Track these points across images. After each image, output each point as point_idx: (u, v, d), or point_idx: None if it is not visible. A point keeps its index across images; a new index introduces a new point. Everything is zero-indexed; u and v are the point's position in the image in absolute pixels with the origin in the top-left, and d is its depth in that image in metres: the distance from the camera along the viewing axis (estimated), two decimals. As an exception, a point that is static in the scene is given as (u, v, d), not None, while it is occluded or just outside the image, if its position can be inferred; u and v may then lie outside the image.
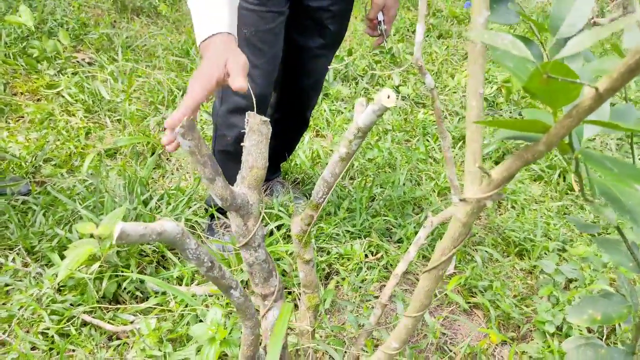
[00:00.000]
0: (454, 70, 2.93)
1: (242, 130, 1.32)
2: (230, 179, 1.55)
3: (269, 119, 1.63)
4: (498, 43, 0.38)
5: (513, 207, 1.85)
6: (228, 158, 1.39)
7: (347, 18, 1.38)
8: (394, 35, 3.13)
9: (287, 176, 1.87)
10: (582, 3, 0.59)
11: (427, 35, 3.38)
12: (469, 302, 1.40)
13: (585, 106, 0.40)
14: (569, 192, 1.95)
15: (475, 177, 0.56)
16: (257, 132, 0.75)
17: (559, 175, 2.01)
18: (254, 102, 1.21)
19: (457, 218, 0.59)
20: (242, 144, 1.39)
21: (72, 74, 2.15)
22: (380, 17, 1.28)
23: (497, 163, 2.12)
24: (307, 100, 1.55)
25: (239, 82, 0.76)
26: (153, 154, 1.86)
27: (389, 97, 0.73)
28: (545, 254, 1.60)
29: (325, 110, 2.27)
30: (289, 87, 1.49)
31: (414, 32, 3.33)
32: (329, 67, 1.38)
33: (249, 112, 0.75)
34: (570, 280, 1.47)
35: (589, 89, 0.38)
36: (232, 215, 0.77)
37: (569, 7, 0.60)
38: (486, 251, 1.57)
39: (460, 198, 0.57)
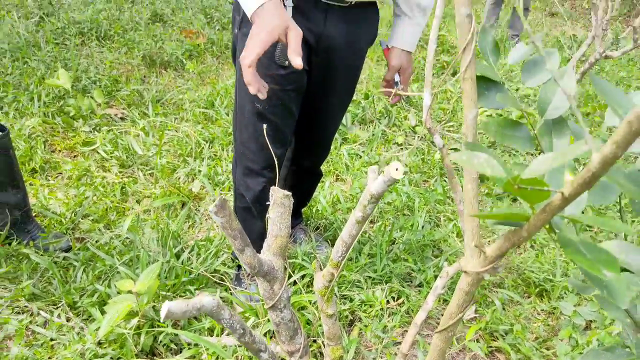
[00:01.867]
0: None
1: (257, 193, 1.41)
2: (250, 233, 1.65)
3: (287, 174, 1.72)
4: (474, 163, 0.45)
5: (532, 246, 1.88)
6: (247, 216, 1.47)
7: (355, 77, 1.45)
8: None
9: (309, 222, 1.94)
10: (565, 88, 0.66)
11: (441, 73, 3.47)
12: (490, 347, 1.44)
13: (555, 205, 0.47)
14: (587, 228, 1.97)
15: (474, 252, 0.63)
16: (280, 205, 0.84)
17: (577, 212, 2.03)
18: (271, 162, 1.31)
19: (460, 288, 0.66)
20: (258, 204, 1.47)
21: (107, 130, 2.30)
22: (397, 77, 1.36)
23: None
24: (322, 153, 1.64)
25: (298, 60, 0.90)
26: (183, 205, 1.97)
27: (397, 169, 0.81)
28: (565, 293, 1.63)
29: (344, 155, 2.36)
30: (303, 142, 1.57)
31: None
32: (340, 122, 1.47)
33: (273, 187, 0.83)
34: (591, 320, 1.49)
35: (557, 193, 0.46)
36: (260, 280, 0.84)
37: (554, 92, 0.67)
38: (506, 294, 1.61)
39: (463, 270, 0.63)
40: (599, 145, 0.39)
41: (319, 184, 2.13)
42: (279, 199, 0.84)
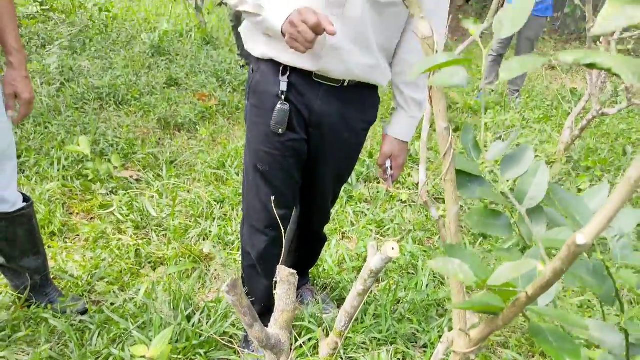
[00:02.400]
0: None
1: (261, 250, 1.49)
2: (255, 292, 1.72)
3: (293, 236, 1.80)
4: (449, 269, 0.53)
5: (536, 303, 1.91)
6: (252, 274, 1.56)
7: (354, 155, 1.53)
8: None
9: (315, 282, 2.00)
10: (540, 180, 0.75)
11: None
12: (494, 409, 1.46)
13: (522, 302, 0.54)
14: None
15: (461, 334, 0.69)
16: (286, 282, 0.91)
17: (579, 270, 2.07)
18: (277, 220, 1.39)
19: (452, 365, 0.72)
20: (262, 262, 1.55)
21: (123, 193, 2.41)
22: (388, 163, 1.40)
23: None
24: (321, 219, 1.71)
25: (332, 28, 1.06)
26: (194, 262, 2.04)
27: (393, 249, 0.89)
28: (569, 354, 1.65)
29: (349, 213, 2.44)
30: (305, 207, 1.66)
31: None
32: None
33: (280, 265, 0.91)
34: (595, 382, 1.51)
35: (522, 292, 0.53)
36: (267, 352, 0.91)
37: (530, 183, 0.75)
38: (511, 354, 1.64)
39: (452, 349, 0.70)
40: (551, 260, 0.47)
41: (326, 243, 2.20)
42: (285, 277, 0.91)
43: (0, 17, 1.37)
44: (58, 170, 2.49)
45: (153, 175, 2.61)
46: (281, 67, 1.28)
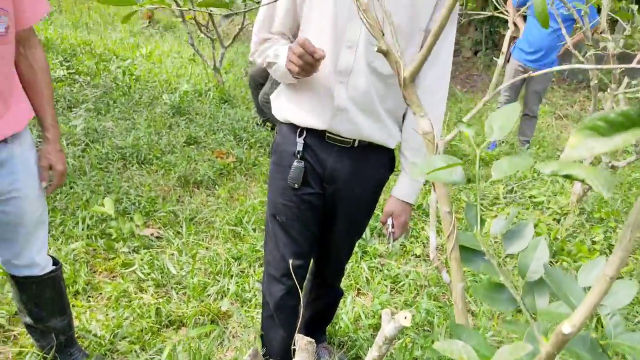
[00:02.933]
0: (483, 215, 3.13)
1: (277, 299, 1.57)
2: (272, 342, 1.79)
3: (310, 287, 1.87)
4: (453, 351, 0.58)
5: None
6: (271, 324, 1.63)
7: (368, 211, 1.61)
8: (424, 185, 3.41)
9: (332, 340, 2.02)
10: (540, 255, 0.80)
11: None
12: None
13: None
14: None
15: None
16: (305, 350, 0.96)
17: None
18: (291, 271, 1.47)
19: None
20: (279, 311, 1.62)
21: (144, 251, 2.49)
22: (390, 221, 1.47)
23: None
24: (336, 273, 1.78)
25: (321, 53, 1.19)
26: (212, 322, 2.08)
27: (405, 318, 0.94)
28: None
29: (364, 269, 2.48)
30: (321, 259, 1.72)
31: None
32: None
33: (298, 334, 0.96)
34: None
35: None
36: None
37: (531, 258, 0.81)
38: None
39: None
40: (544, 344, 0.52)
41: (341, 299, 2.23)
42: (304, 345, 0.96)
43: (40, 97, 1.50)
44: (83, 230, 2.59)
45: (173, 233, 2.69)
46: (298, 130, 1.41)
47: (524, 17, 4.37)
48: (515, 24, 3.93)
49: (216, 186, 3.28)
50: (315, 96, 1.35)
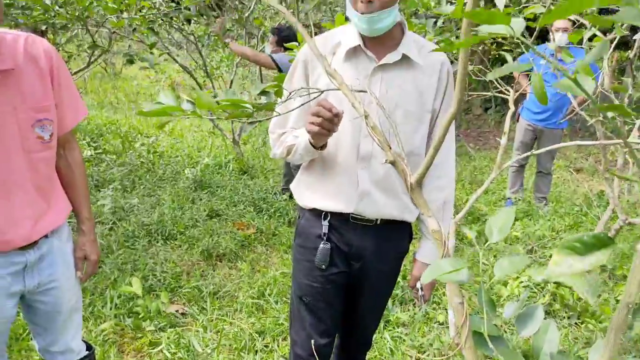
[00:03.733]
0: (506, 277, 3.12)
1: None
2: None
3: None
4: None
5: None
6: None
7: (391, 284, 1.68)
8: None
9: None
10: (552, 337, 0.85)
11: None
12: None
13: None
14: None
15: None
16: None
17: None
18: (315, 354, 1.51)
19: None
20: None
21: (171, 329, 2.54)
22: (419, 285, 1.58)
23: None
24: (362, 346, 1.81)
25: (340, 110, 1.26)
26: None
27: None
28: None
29: (387, 339, 2.48)
30: (346, 333, 1.76)
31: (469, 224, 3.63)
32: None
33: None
34: None
35: None
36: None
37: (543, 340, 0.86)
38: None
39: None
40: None
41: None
42: None
43: (76, 193, 1.63)
44: (111, 309, 2.66)
45: (198, 309, 2.74)
46: (323, 213, 1.50)
47: (528, 76, 4.51)
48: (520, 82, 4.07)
49: (238, 258, 3.35)
50: (340, 183, 1.46)
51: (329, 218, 1.50)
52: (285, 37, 3.90)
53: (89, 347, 1.77)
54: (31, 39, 1.41)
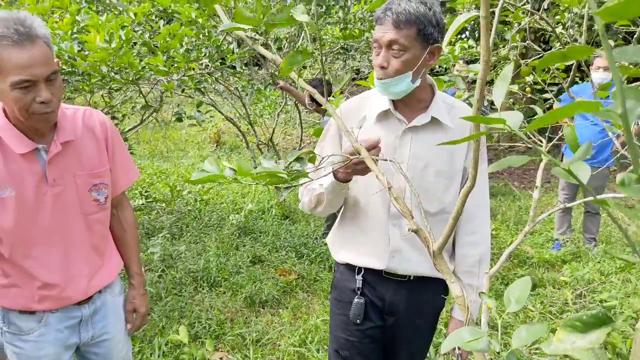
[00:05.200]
0: (553, 324, 3.02)
1: None
2: None
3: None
4: None
5: None
6: None
7: (426, 338, 1.68)
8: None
9: None
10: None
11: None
12: None
13: None
14: None
15: None
16: None
17: None
18: None
19: None
20: None
21: (214, 377, 2.60)
22: (457, 350, 1.53)
23: None
24: None
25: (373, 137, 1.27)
26: None
27: None
28: None
29: (431, 390, 2.44)
30: None
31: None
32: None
33: None
34: None
35: None
36: None
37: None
38: None
39: None
40: None
41: None
42: None
43: (128, 250, 1.75)
44: (159, 356, 2.76)
45: (241, 356, 2.80)
46: (356, 268, 1.54)
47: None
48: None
49: (280, 305, 3.40)
50: (373, 238, 1.51)
51: (362, 272, 1.54)
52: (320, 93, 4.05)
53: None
54: (88, 112, 1.58)
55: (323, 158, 1.15)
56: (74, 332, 1.59)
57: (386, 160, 1.05)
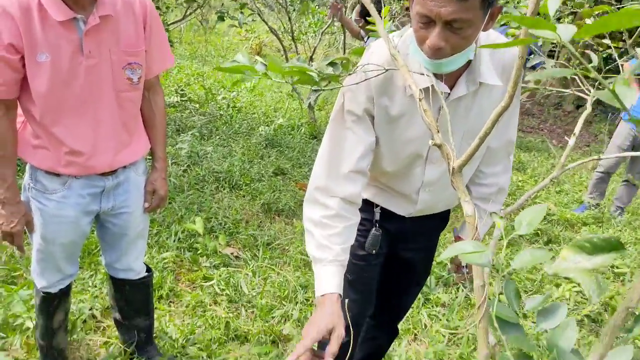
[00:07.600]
0: (558, 280, 3.04)
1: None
2: None
3: (366, 328, 1.97)
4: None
5: None
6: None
7: (432, 257, 1.74)
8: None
9: (382, 380, 2.10)
10: (569, 335, 0.87)
11: (535, 240, 3.57)
12: None
13: None
14: None
15: None
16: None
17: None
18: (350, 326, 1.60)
19: None
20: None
21: (223, 268, 2.75)
22: (464, 262, 1.62)
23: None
24: (400, 313, 1.88)
25: (332, 355, 1.08)
26: (273, 342, 2.26)
27: None
28: None
29: (423, 315, 2.53)
30: (384, 304, 1.83)
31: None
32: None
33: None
34: None
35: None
36: None
37: (560, 336, 0.88)
38: None
39: None
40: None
41: (397, 342, 2.31)
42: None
43: (155, 134, 1.79)
44: (174, 242, 2.91)
45: (250, 255, 2.93)
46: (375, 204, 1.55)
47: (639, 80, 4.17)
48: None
49: (295, 216, 3.50)
50: (401, 198, 1.50)
51: (379, 207, 1.55)
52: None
53: (148, 270, 1.98)
54: None
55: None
56: (95, 200, 1.67)
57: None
